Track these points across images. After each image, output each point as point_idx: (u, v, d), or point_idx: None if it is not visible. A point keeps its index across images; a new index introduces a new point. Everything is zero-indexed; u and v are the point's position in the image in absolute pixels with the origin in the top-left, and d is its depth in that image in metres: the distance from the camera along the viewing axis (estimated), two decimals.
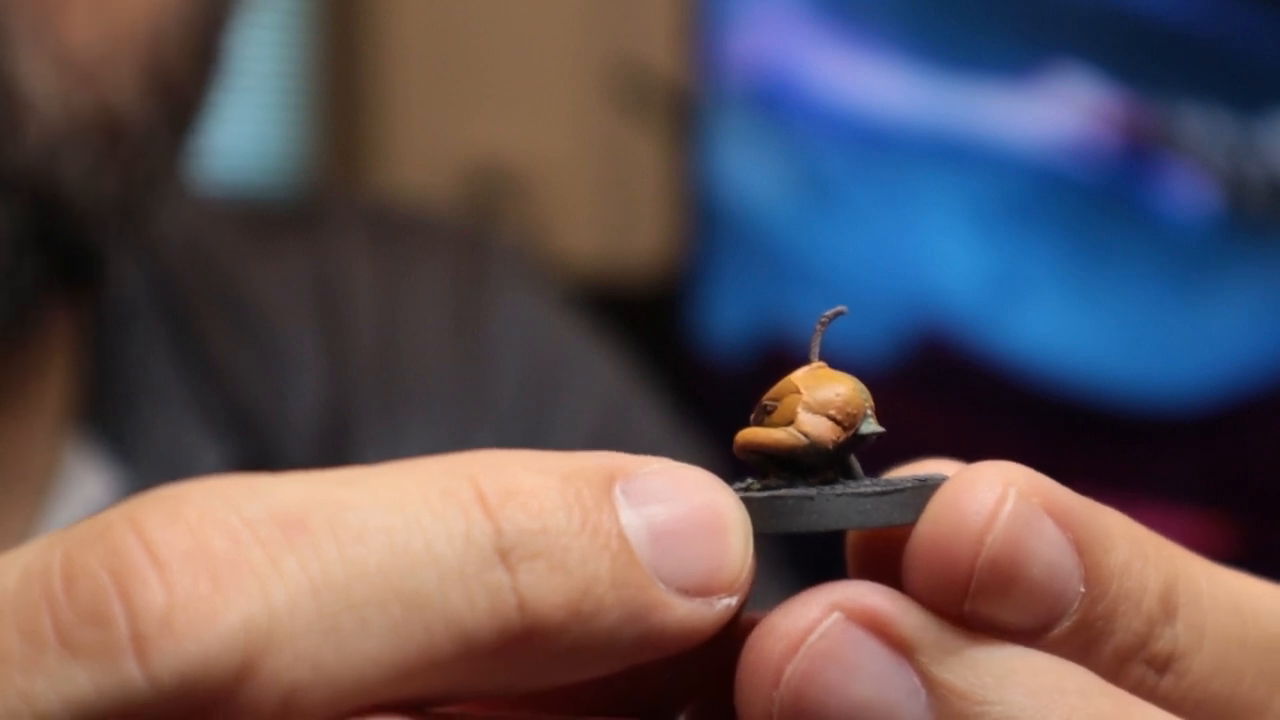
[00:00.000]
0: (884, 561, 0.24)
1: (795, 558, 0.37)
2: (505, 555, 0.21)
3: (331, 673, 0.21)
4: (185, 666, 0.20)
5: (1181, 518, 1.25)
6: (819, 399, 0.24)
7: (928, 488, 0.23)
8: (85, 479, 0.53)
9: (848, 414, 0.24)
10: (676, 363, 1.38)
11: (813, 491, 0.24)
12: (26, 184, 0.46)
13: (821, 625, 0.22)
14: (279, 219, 0.67)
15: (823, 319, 0.25)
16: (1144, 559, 0.24)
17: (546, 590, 0.21)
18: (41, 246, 0.47)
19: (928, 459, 0.26)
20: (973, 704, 0.22)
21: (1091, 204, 1.30)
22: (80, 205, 0.47)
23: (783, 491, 0.24)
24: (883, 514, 0.23)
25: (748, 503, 0.23)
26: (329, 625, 0.21)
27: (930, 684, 0.22)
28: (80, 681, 0.20)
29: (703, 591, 0.22)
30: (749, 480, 0.25)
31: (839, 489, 0.24)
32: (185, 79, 0.50)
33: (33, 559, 0.21)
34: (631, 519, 0.22)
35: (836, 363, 0.25)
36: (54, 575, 0.21)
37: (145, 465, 0.54)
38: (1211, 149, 1.26)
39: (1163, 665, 0.24)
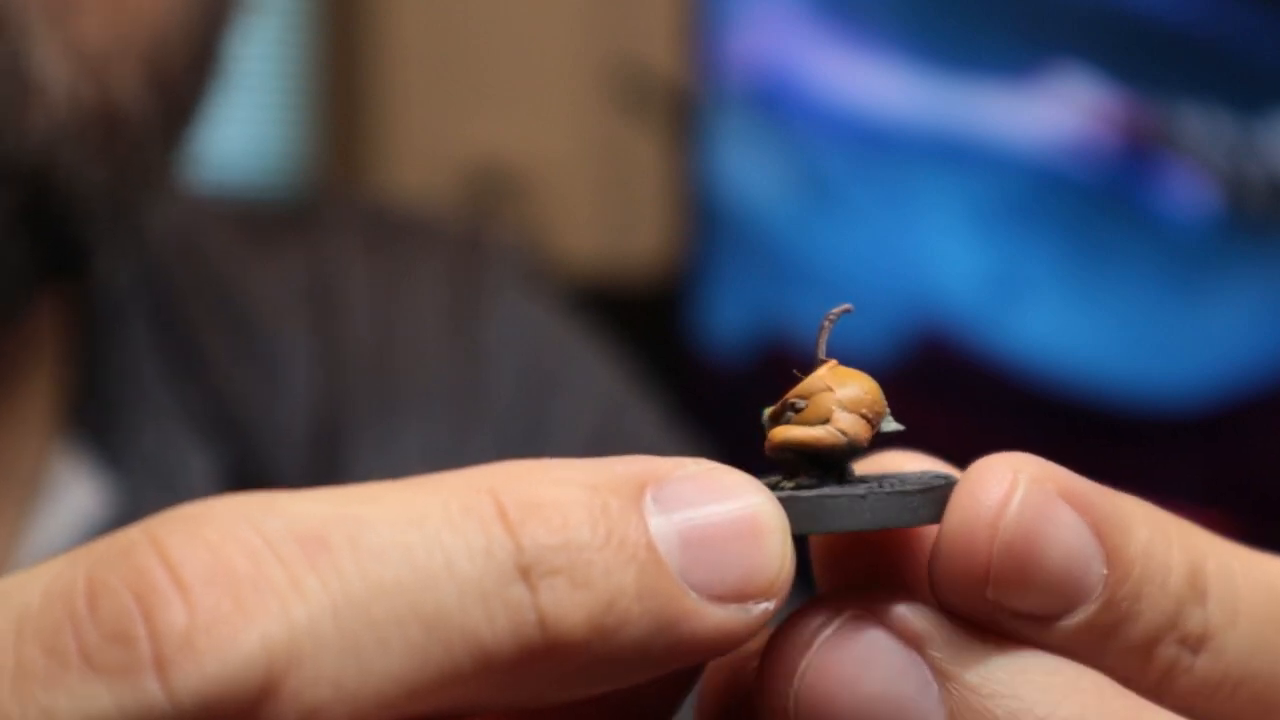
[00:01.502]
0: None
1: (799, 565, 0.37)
2: (526, 572, 0.21)
3: (352, 691, 0.21)
4: (207, 686, 0.20)
5: (1182, 518, 1.25)
6: (850, 397, 0.25)
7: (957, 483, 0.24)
8: (74, 485, 0.53)
9: (876, 412, 0.25)
10: (676, 363, 1.38)
11: (862, 490, 0.23)
12: (26, 169, 0.46)
13: (835, 621, 0.23)
14: (275, 220, 0.66)
15: (829, 316, 0.25)
16: (1167, 540, 0.24)
17: (568, 607, 0.21)
18: (31, 232, 0.47)
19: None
20: (983, 696, 0.23)
21: (1091, 204, 1.30)
22: (74, 194, 0.47)
23: (831, 490, 0.24)
24: (928, 511, 0.23)
25: (794, 503, 0.23)
26: (350, 644, 0.21)
27: (942, 677, 0.23)
28: (102, 699, 0.20)
29: (738, 597, 0.22)
30: (775, 478, 0.25)
31: (887, 488, 0.24)
32: (184, 79, 0.50)
33: (55, 577, 0.21)
34: (661, 525, 0.22)
35: (840, 362, 0.25)
36: (77, 594, 0.21)
37: (134, 471, 0.54)
38: (1211, 149, 1.26)
39: (1196, 644, 0.24)
